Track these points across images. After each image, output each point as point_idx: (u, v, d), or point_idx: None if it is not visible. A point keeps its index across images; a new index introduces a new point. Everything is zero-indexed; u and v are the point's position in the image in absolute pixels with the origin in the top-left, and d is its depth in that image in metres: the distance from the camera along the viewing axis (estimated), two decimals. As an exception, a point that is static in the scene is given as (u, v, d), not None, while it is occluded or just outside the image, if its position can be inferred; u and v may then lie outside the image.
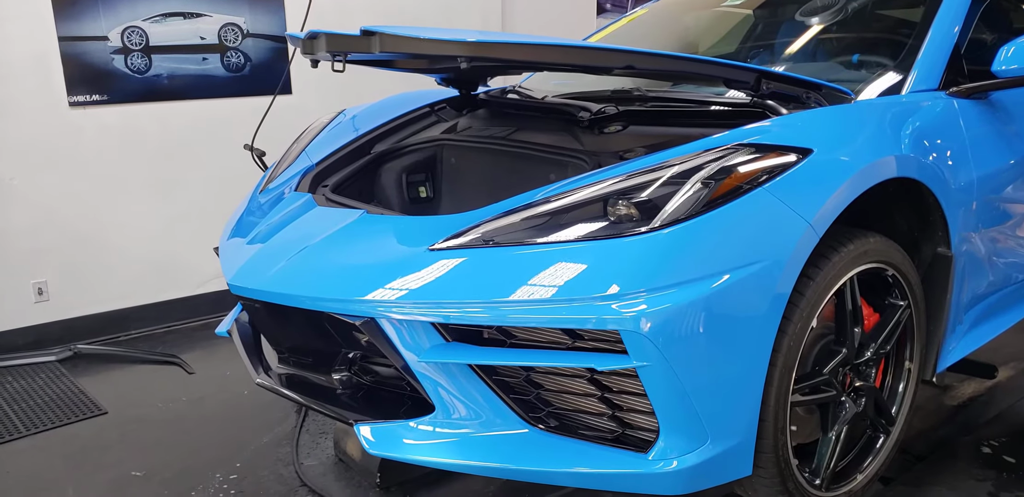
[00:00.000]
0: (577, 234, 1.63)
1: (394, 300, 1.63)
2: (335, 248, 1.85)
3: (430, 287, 1.63)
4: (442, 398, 1.68)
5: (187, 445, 2.69)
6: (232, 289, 1.93)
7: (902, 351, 2.14)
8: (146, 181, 3.81)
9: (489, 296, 1.58)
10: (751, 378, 1.64)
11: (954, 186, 2.05)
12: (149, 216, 3.84)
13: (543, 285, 1.55)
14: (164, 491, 2.39)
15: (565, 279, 1.55)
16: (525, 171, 2.40)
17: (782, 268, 1.62)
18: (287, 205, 2.19)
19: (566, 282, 1.54)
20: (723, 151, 1.68)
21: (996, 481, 2.30)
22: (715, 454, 1.60)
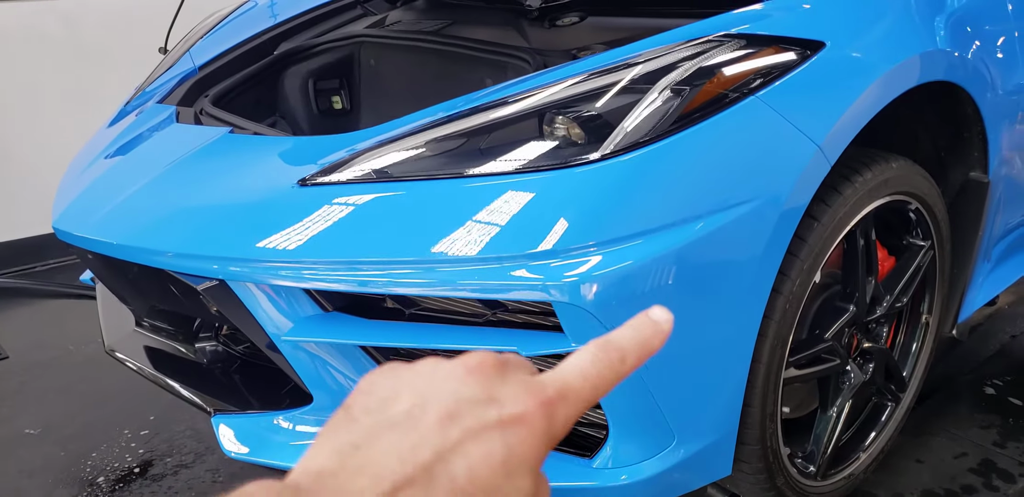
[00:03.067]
0: (499, 165, 1.17)
1: (248, 256, 1.18)
2: (181, 181, 1.38)
3: (298, 238, 1.17)
4: (322, 385, 1.25)
5: (96, 394, 2.34)
6: (57, 234, 1.47)
7: (918, 302, 1.73)
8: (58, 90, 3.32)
9: (375, 252, 1.13)
10: (734, 357, 1.22)
11: (1000, 91, 1.58)
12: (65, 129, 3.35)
13: (452, 238, 1.10)
14: (59, 452, 2.07)
15: (481, 228, 1.10)
16: (456, 75, 1.93)
17: (780, 208, 1.17)
18: (142, 123, 1.69)
19: (483, 233, 1.09)
20: (702, 44, 1.20)
21: (1001, 428, 2.07)
22: (683, 458, 1.20)
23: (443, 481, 0.31)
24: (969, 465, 1.90)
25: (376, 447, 0.32)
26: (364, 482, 0.31)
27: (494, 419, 0.33)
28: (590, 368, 0.37)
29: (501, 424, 0.33)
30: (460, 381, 0.35)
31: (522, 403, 0.34)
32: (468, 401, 0.34)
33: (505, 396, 0.34)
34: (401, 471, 0.31)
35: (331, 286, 1.16)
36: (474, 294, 1.10)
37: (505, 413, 0.33)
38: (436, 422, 0.33)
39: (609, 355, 0.37)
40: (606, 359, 0.37)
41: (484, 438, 0.33)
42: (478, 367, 0.35)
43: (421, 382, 0.35)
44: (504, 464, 0.32)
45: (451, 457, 0.32)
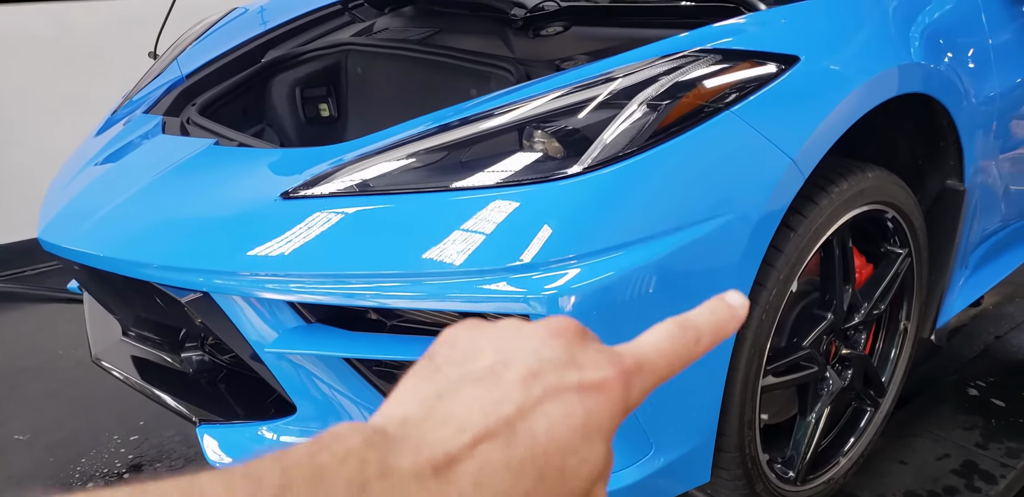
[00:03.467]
0: (481, 178, 1.18)
1: (232, 269, 1.19)
2: (166, 193, 1.39)
3: (282, 251, 1.19)
4: (305, 396, 1.27)
5: (85, 399, 2.33)
6: (42, 245, 1.48)
7: (897, 308, 1.75)
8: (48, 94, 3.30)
9: (358, 266, 1.15)
10: (710, 366, 1.24)
11: (974, 102, 1.61)
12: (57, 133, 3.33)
13: (433, 251, 1.12)
14: (49, 458, 2.06)
15: (462, 242, 1.11)
16: (442, 84, 1.94)
17: (754, 220, 1.19)
18: (128, 133, 1.70)
19: (464, 246, 1.11)
20: (678, 59, 1.22)
21: (984, 429, 2.08)
22: (661, 466, 1.22)
23: (523, 437, 0.32)
24: (952, 466, 1.91)
25: (459, 399, 0.32)
26: (447, 432, 0.31)
27: (575, 382, 0.33)
28: (667, 345, 0.37)
29: (581, 388, 0.33)
30: (543, 342, 0.35)
31: (602, 370, 0.34)
32: (551, 362, 0.34)
33: (586, 361, 0.34)
34: (483, 424, 0.31)
35: (316, 299, 1.17)
36: (457, 307, 1.12)
37: (586, 377, 0.34)
38: (519, 379, 0.33)
39: (686, 334, 0.38)
40: (682, 338, 0.37)
41: (565, 399, 0.33)
42: (561, 330, 0.36)
43: (504, 340, 0.35)
44: (583, 427, 0.33)
45: (532, 415, 0.32)
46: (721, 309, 0.39)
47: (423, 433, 0.31)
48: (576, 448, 0.33)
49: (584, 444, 0.33)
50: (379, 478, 0.30)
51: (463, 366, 0.34)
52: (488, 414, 0.32)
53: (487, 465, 0.31)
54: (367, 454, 0.30)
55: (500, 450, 0.31)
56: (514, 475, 0.31)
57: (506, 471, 0.31)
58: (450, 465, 0.31)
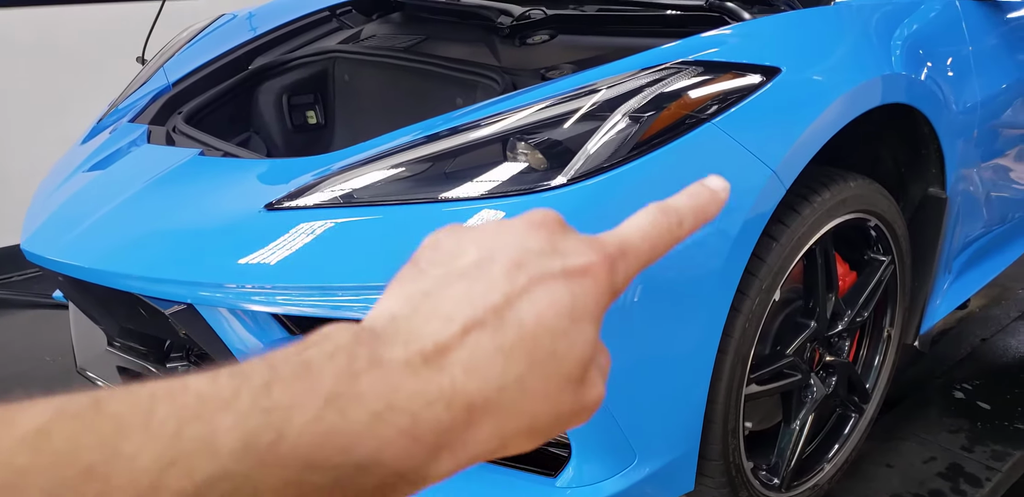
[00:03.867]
0: (465, 190, 1.19)
1: (217, 282, 1.20)
2: (150, 204, 1.39)
3: (267, 263, 1.19)
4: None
5: (72, 407, 2.31)
6: (26, 255, 1.47)
7: (880, 315, 1.77)
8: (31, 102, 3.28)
9: (343, 278, 1.15)
10: (694, 375, 1.25)
11: (955, 111, 1.62)
12: (39, 139, 3.31)
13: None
14: None
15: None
16: (428, 93, 1.95)
17: (735, 231, 1.20)
18: (113, 143, 1.70)
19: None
20: (660, 71, 1.23)
21: (970, 432, 2.10)
22: (645, 476, 1.23)
23: (512, 323, 0.32)
24: (938, 469, 1.93)
25: (446, 294, 0.33)
26: (436, 324, 0.32)
27: (559, 268, 0.34)
28: (649, 228, 0.37)
29: (566, 274, 0.34)
30: (524, 234, 0.35)
31: (585, 256, 0.35)
32: (534, 251, 0.34)
33: (568, 249, 0.35)
34: (471, 314, 0.32)
35: (302, 311, 1.18)
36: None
37: (569, 264, 0.34)
38: (504, 270, 0.33)
39: (668, 218, 0.38)
40: (665, 221, 0.38)
41: (550, 285, 0.33)
42: (541, 222, 0.36)
43: (486, 237, 0.35)
44: (571, 310, 0.33)
45: (519, 302, 0.32)
46: (702, 193, 0.40)
47: (412, 327, 0.32)
48: (565, 331, 0.33)
49: (573, 327, 0.33)
50: (369, 369, 0.30)
51: (448, 265, 0.34)
52: (476, 304, 0.32)
53: (477, 351, 0.31)
54: (356, 349, 0.30)
55: (489, 337, 0.32)
56: (505, 360, 0.31)
57: (497, 356, 0.31)
58: (441, 354, 0.31)
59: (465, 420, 0.31)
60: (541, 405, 0.33)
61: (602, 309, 0.35)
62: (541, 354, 0.32)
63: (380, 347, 0.31)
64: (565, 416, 0.34)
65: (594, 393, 0.35)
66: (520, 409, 0.32)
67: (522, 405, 0.32)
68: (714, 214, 0.40)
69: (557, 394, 0.33)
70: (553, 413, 0.33)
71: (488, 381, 0.31)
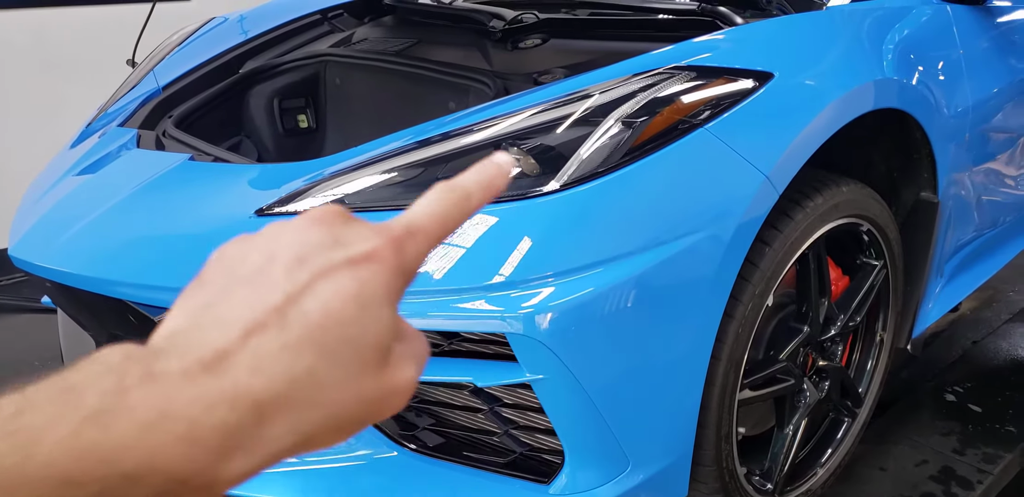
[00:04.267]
0: (455, 194, 1.18)
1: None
2: (139, 210, 1.38)
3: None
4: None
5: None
6: (13, 262, 1.46)
7: (873, 319, 1.77)
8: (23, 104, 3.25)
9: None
10: (687, 381, 1.24)
11: (946, 115, 1.63)
12: (30, 142, 3.29)
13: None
14: None
15: (439, 260, 1.11)
16: (420, 97, 1.94)
17: (728, 237, 1.19)
18: (102, 147, 1.69)
19: (440, 264, 1.11)
20: (653, 76, 1.23)
21: (961, 435, 2.10)
22: (639, 482, 1.22)
23: (296, 319, 0.32)
24: (930, 472, 1.93)
25: (228, 303, 0.33)
26: (215, 333, 0.32)
27: (342, 259, 0.34)
28: (435, 206, 0.38)
29: (350, 262, 0.34)
30: (304, 231, 0.36)
31: (369, 242, 0.35)
32: (314, 246, 0.35)
33: (351, 238, 0.35)
34: (252, 317, 0.32)
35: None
36: (436, 325, 1.12)
37: (352, 252, 0.35)
38: (284, 270, 0.34)
39: (454, 193, 0.39)
40: (450, 197, 0.39)
41: (333, 276, 0.34)
42: (322, 217, 0.36)
43: (267, 241, 0.36)
44: (357, 297, 0.33)
45: (301, 298, 0.33)
46: (488, 167, 0.41)
47: (191, 339, 0.32)
48: (355, 317, 0.33)
49: (363, 313, 0.33)
50: (140, 384, 0.30)
51: (230, 275, 0.34)
52: (255, 308, 0.32)
53: (260, 351, 0.31)
54: (127, 366, 0.30)
55: (273, 336, 0.32)
56: (292, 354, 0.32)
57: (283, 353, 0.31)
58: (221, 360, 0.31)
59: (255, 419, 0.31)
60: (340, 393, 0.33)
61: (395, 291, 0.35)
62: (331, 343, 0.32)
63: (155, 362, 0.31)
64: (373, 402, 0.34)
65: (402, 376, 0.35)
66: (317, 400, 0.32)
67: (318, 396, 0.32)
68: (502, 186, 0.41)
69: (357, 380, 0.33)
70: (357, 399, 0.33)
71: (274, 377, 0.31)
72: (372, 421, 0.35)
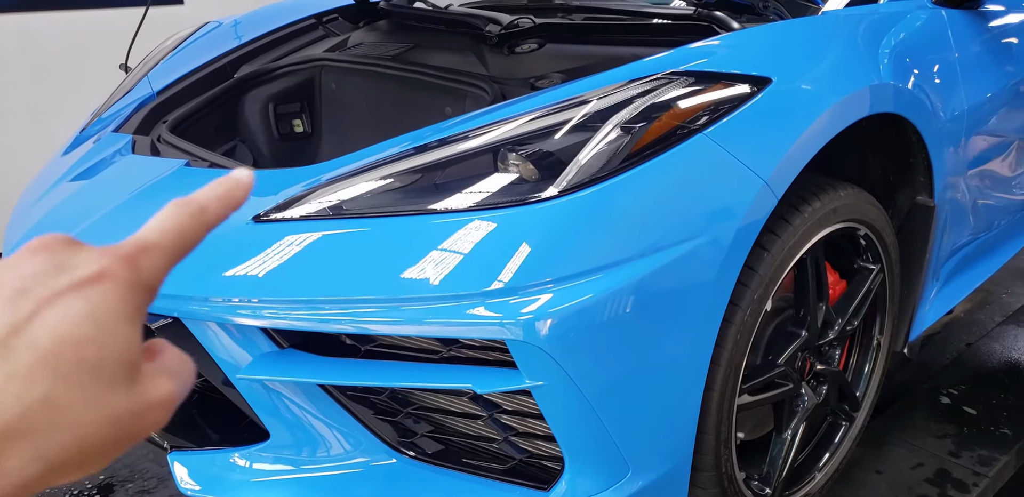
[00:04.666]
0: (455, 201, 1.18)
1: (203, 295, 1.18)
2: (135, 216, 1.37)
3: (254, 276, 1.17)
4: (279, 422, 1.25)
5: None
6: (9, 271, 1.45)
7: (870, 323, 1.77)
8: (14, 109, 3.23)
9: (330, 292, 1.14)
10: (686, 387, 1.24)
11: (942, 119, 1.63)
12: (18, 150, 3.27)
13: (408, 275, 1.11)
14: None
15: (438, 266, 1.11)
16: (416, 102, 1.94)
17: (728, 242, 1.19)
18: (97, 153, 1.68)
19: (439, 271, 1.10)
20: (651, 82, 1.23)
21: (957, 437, 2.11)
22: (638, 488, 1.22)
23: (23, 348, 0.32)
24: (926, 475, 1.93)
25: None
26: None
27: (67, 284, 0.34)
28: (167, 222, 0.39)
29: (77, 286, 0.34)
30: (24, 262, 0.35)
31: (96, 263, 0.35)
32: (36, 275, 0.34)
33: (76, 262, 0.35)
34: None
35: (290, 324, 1.16)
36: (434, 332, 1.11)
37: (78, 275, 0.34)
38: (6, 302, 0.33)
39: (187, 208, 0.39)
40: (184, 212, 0.39)
41: (60, 302, 0.33)
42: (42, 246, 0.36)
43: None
44: (90, 316, 0.33)
45: (27, 327, 0.32)
46: (225, 180, 0.41)
47: None
48: (90, 337, 0.33)
49: (99, 331, 0.33)
50: None
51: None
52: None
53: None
54: None
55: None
56: (23, 383, 0.31)
57: (11, 383, 0.31)
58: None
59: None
60: (87, 415, 0.32)
61: (133, 307, 0.35)
62: (68, 366, 0.32)
63: None
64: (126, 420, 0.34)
65: (157, 391, 0.35)
66: (59, 425, 0.32)
67: (60, 420, 0.32)
68: (241, 197, 0.41)
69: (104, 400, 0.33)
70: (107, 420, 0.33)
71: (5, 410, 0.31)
72: (131, 441, 0.35)
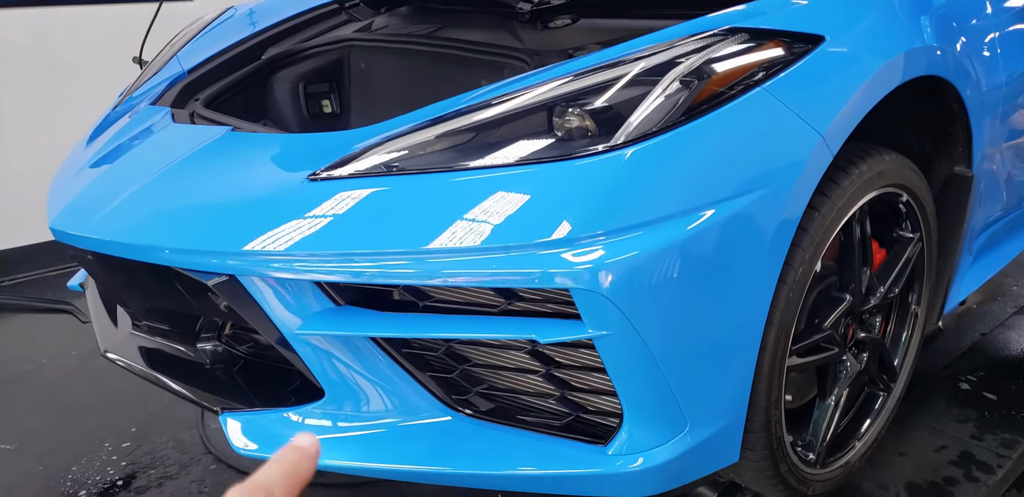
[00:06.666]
0: (511, 156, 1.18)
1: (260, 250, 1.18)
2: (185, 178, 1.37)
3: (309, 232, 1.17)
4: (334, 380, 1.25)
5: (73, 408, 2.27)
6: (55, 235, 1.44)
7: (907, 293, 1.77)
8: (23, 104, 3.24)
9: (387, 244, 1.14)
10: (743, 343, 1.24)
11: (983, 88, 1.64)
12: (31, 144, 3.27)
13: (466, 228, 1.11)
14: (38, 467, 2.01)
15: (496, 219, 1.11)
16: (452, 77, 1.93)
17: (786, 197, 1.20)
18: (137, 123, 1.68)
19: (497, 223, 1.10)
20: (706, 38, 1.23)
21: (978, 422, 2.11)
22: (695, 444, 1.22)
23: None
24: (950, 457, 1.93)
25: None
26: None
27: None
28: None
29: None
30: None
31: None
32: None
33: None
34: None
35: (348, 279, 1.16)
36: (491, 283, 1.11)
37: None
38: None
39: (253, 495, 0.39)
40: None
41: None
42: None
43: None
44: None
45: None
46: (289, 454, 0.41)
47: None
48: None
49: None
50: None
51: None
52: None
53: None
54: None
55: None
56: None
57: None
58: None
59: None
60: None
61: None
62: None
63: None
64: None
65: None
66: None
67: None
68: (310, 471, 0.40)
69: None
70: None
71: None
72: None
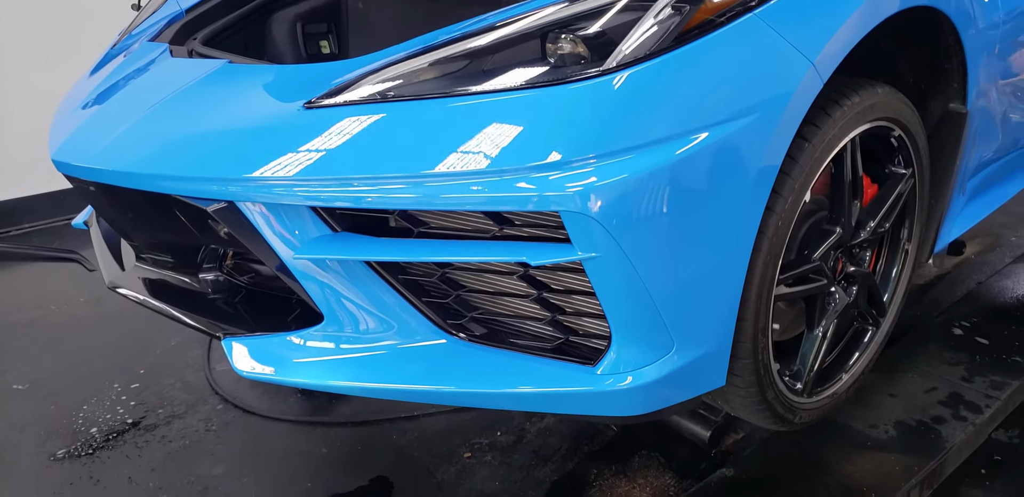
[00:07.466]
0: (504, 82, 1.19)
1: (258, 176, 1.20)
2: (184, 109, 1.39)
3: (306, 158, 1.19)
4: (332, 304, 1.29)
5: (82, 351, 2.35)
6: (57, 166, 1.47)
7: (898, 229, 1.79)
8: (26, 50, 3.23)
9: (385, 169, 1.16)
10: (730, 268, 1.27)
11: (980, 23, 1.63)
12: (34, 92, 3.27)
13: (458, 153, 1.13)
14: (50, 406, 2.08)
15: (490, 143, 1.13)
16: (449, 16, 1.92)
17: (775, 124, 1.21)
18: (136, 59, 1.69)
19: (491, 147, 1.12)
20: (699, -36, 1.23)
21: (969, 365, 2.14)
22: (681, 365, 1.26)
23: None
24: (939, 398, 1.95)
25: None
26: None
27: None
28: None
29: None
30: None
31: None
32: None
33: None
34: None
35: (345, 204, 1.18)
36: (484, 206, 1.14)
37: None
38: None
39: None
40: None
41: None
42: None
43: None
44: None
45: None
46: None
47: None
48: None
49: None
50: None
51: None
52: None
53: None
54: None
55: None
56: None
57: None
58: None
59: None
60: None
61: None
62: None
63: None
64: None
65: None
66: None
67: None
68: None
69: None
70: None
71: None
72: None
